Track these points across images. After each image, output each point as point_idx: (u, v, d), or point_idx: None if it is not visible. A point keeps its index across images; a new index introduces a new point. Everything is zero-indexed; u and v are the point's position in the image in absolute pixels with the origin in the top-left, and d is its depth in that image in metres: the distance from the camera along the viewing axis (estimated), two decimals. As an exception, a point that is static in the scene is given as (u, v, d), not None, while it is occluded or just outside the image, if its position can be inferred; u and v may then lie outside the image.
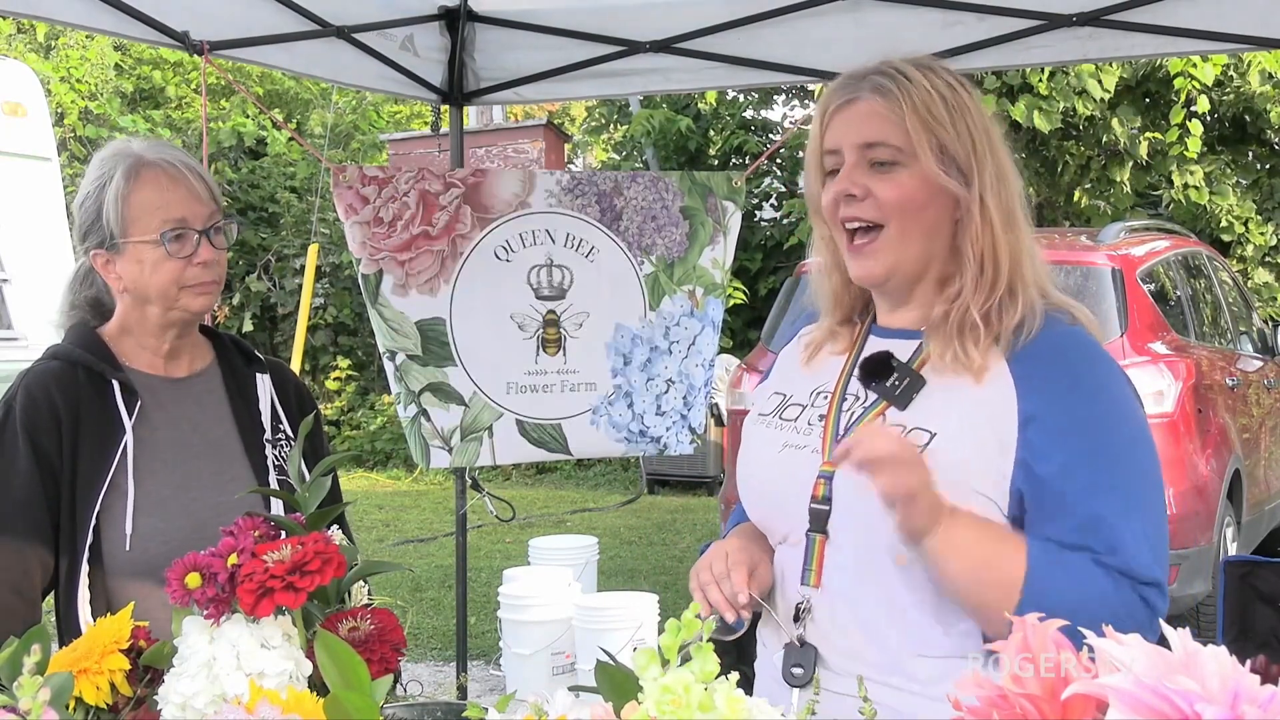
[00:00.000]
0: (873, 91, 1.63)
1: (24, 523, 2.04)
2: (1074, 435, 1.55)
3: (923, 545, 1.52)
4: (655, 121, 11.92)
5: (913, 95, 1.61)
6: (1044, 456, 1.54)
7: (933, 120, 1.61)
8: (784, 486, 1.68)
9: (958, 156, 1.62)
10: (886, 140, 1.62)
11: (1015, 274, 1.62)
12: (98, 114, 15.11)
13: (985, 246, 1.61)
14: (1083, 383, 1.58)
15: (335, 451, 9.25)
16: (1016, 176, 1.66)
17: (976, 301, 1.60)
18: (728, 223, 3.99)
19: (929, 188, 1.61)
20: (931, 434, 1.57)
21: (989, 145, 1.63)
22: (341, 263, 12.79)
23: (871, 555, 1.60)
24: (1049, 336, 1.60)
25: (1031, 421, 1.55)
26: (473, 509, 4.93)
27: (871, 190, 1.62)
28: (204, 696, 1.33)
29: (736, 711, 0.98)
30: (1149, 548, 1.55)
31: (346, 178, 3.69)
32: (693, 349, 3.98)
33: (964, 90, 1.65)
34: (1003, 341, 1.60)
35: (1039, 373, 1.57)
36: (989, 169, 1.62)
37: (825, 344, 1.78)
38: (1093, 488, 1.54)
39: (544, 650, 2.57)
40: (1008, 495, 1.55)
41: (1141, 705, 0.84)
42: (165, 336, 2.18)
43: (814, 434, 1.69)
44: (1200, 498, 5.85)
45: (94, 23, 3.34)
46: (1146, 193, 11.00)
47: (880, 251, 1.64)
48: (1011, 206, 1.63)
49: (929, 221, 1.63)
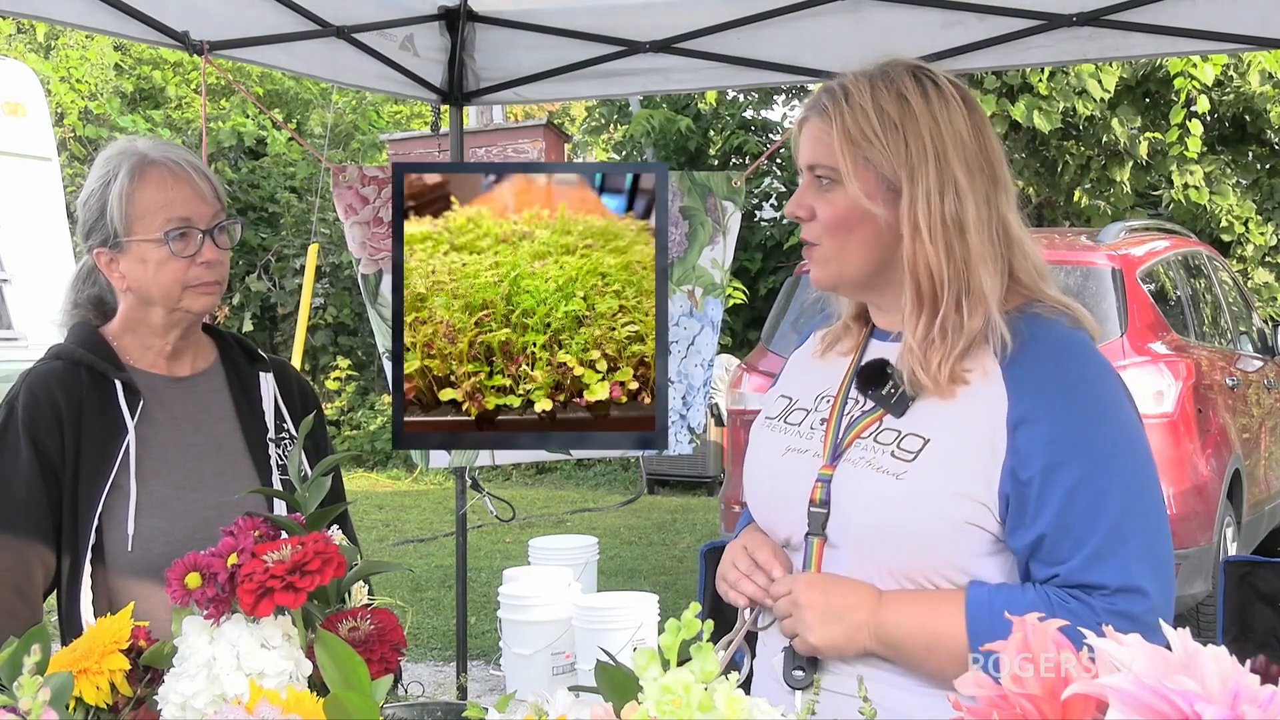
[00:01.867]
0: (816, 112, 1.66)
1: (26, 523, 2.04)
2: (1060, 440, 1.54)
3: (870, 647, 1.58)
4: (655, 121, 11.91)
5: (844, 115, 1.62)
6: (1028, 460, 1.54)
7: (860, 138, 1.61)
8: (785, 490, 1.69)
9: (886, 173, 1.61)
10: (822, 161, 1.64)
11: (960, 289, 1.59)
12: (98, 114, 15.11)
13: (919, 264, 1.60)
14: (1073, 387, 1.57)
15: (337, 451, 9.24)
16: (978, 184, 1.61)
17: (921, 320, 1.60)
18: (727, 223, 3.99)
19: (854, 209, 1.62)
20: (925, 440, 1.58)
21: (931, 155, 1.60)
22: (341, 263, 12.79)
23: (877, 555, 1.60)
24: (1043, 340, 1.59)
25: (1020, 425, 1.55)
26: (473, 509, 4.93)
27: (815, 210, 1.66)
28: (204, 696, 1.33)
29: (736, 711, 0.98)
30: (1129, 552, 1.52)
31: (346, 178, 3.69)
32: (692, 349, 3.98)
33: (920, 99, 1.62)
34: (980, 351, 1.59)
35: (1030, 377, 1.57)
36: (926, 181, 1.59)
37: (838, 341, 1.78)
38: (1071, 492, 1.52)
39: (544, 650, 2.57)
40: (997, 500, 1.55)
41: (1141, 705, 0.84)
42: (168, 336, 2.17)
43: (815, 438, 1.69)
44: (1200, 498, 5.85)
45: (94, 23, 3.34)
46: (1146, 193, 11.00)
47: (820, 263, 1.68)
48: (960, 217, 1.59)
49: (863, 239, 1.63)
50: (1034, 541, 1.54)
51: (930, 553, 1.57)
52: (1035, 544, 1.54)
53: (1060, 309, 1.64)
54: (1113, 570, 1.51)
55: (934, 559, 1.57)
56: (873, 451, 1.61)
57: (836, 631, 1.58)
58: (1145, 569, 1.53)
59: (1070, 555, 1.52)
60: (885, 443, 1.61)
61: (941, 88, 1.64)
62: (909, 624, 1.56)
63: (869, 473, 1.60)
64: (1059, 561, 1.53)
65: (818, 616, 1.59)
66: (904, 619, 1.57)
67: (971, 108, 1.65)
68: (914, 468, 1.57)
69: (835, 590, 1.60)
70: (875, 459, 1.60)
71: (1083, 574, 1.52)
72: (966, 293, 1.59)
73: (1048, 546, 1.53)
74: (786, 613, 1.62)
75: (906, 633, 1.56)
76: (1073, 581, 1.52)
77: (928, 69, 1.67)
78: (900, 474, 1.57)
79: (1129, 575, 1.51)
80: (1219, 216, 10.72)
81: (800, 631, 1.60)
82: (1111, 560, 1.51)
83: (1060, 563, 1.53)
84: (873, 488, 1.59)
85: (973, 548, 1.57)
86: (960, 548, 1.56)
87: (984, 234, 1.61)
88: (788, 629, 1.62)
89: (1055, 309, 1.64)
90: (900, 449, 1.59)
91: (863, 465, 1.61)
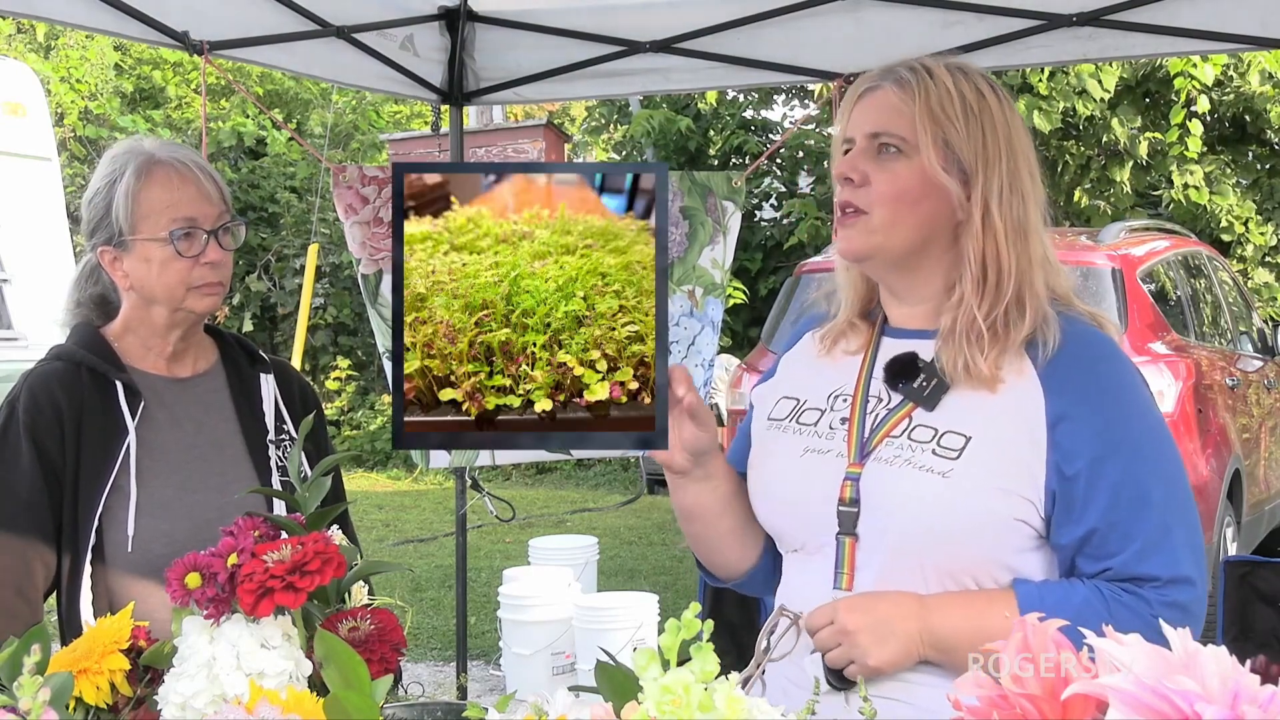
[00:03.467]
0: (893, 83, 1.65)
1: (27, 523, 2.04)
2: (1102, 435, 1.55)
3: (924, 654, 1.56)
4: (655, 121, 11.91)
5: (929, 90, 1.62)
6: (1072, 456, 1.55)
7: (943, 116, 1.61)
8: (807, 492, 1.67)
9: (963, 156, 1.62)
10: (892, 130, 1.63)
11: (1023, 286, 1.61)
12: (98, 114, 15.12)
13: (987, 253, 1.61)
14: (1106, 383, 1.59)
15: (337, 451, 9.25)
16: (1036, 191, 1.66)
17: (981, 309, 1.60)
18: (727, 223, 4.00)
19: (925, 182, 1.61)
20: (967, 438, 1.57)
21: (1005, 154, 1.63)
22: (341, 263, 12.79)
23: (901, 556, 1.59)
24: (1074, 339, 1.60)
25: (1060, 422, 1.56)
26: (473, 509, 4.93)
27: (870, 177, 1.63)
28: (204, 696, 1.33)
29: (736, 711, 0.98)
30: (1176, 543, 1.55)
31: (346, 178, 3.69)
32: (692, 349, 3.98)
33: (995, 98, 1.65)
34: (1017, 349, 1.60)
35: (1064, 374, 1.58)
36: (999, 176, 1.62)
37: (842, 339, 1.77)
38: (1117, 486, 1.54)
39: (544, 650, 2.58)
40: (1043, 496, 1.56)
41: (1141, 705, 0.84)
42: (170, 337, 2.17)
43: (837, 437, 1.67)
44: (1200, 498, 5.84)
45: (94, 23, 3.34)
46: (1146, 193, 11.00)
47: (864, 232, 1.64)
48: (1024, 219, 1.63)
49: (922, 215, 1.63)
50: (1083, 536, 1.55)
51: (975, 550, 1.57)
52: (1084, 539, 1.55)
53: (1085, 317, 1.66)
54: (1163, 562, 1.53)
55: (978, 556, 1.57)
56: (910, 450, 1.60)
57: (894, 649, 1.56)
58: (1189, 559, 1.55)
59: (1120, 549, 1.53)
60: (922, 440, 1.59)
61: (1004, 96, 1.67)
62: (963, 628, 1.54)
63: (909, 471, 1.58)
64: (1109, 555, 1.54)
65: (871, 639, 1.55)
66: (956, 623, 1.55)
67: (1021, 121, 1.70)
68: (960, 465, 1.56)
69: (878, 607, 1.57)
70: (915, 458, 1.59)
71: (1135, 567, 1.53)
72: (1029, 290, 1.61)
73: (1097, 541, 1.54)
74: (835, 643, 1.57)
75: (960, 637, 1.54)
76: (1125, 575, 1.54)
77: (990, 75, 1.70)
78: (946, 472, 1.56)
79: (1178, 566, 1.54)
80: (1219, 216, 10.72)
81: (856, 657, 1.56)
82: (1161, 552, 1.54)
83: (1110, 556, 1.54)
84: (915, 487, 1.57)
85: (1016, 544, 1.57)
86: (1005, 544, 1.57)
87: (1039, 240, 1.65)
88: (839, 658, 1.57)
89: (1076, 310, 1.66)
90: (942, 446, 1.58)
91: (900, 464, 1.60)
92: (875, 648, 1.55)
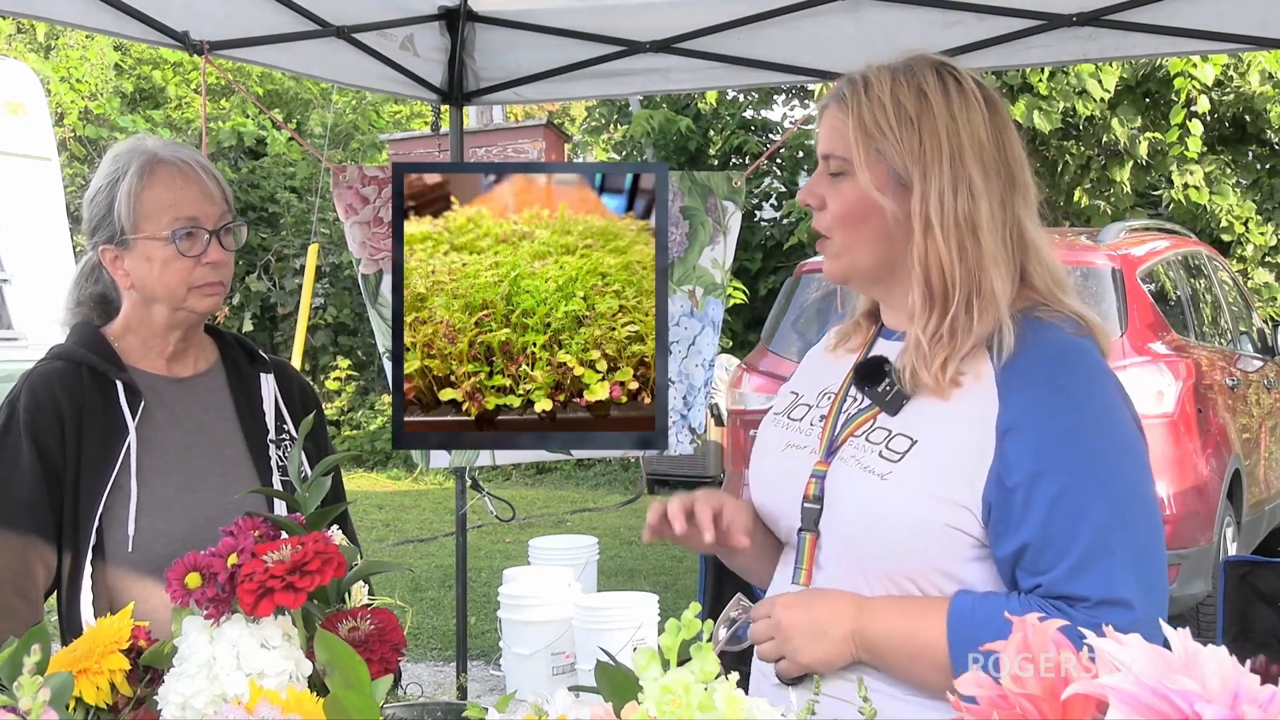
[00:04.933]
0: (835, 101, 1.65)
1: (27, 523, 2.04)
2: (1047, 448, 1.52)
3: (857, 656, 1.56)
4: (655, 121, 11.91)
5: (861, 105, 1.61)
6: (1014, 467, 1.52)
7: (875, 130, 1.59)
8: (783, 485, 1.69)
9: (898, 167, 1.59)
10: (836, 151, 1.63)
11: (972, 291, 1.57)
12: (98, 114, 15.12)
13: (930, 261, 1.58)
14: (1065, 394, 1.55)
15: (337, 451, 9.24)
16: (999, 185, 1.60)
17: (929, 323, 1.58)
18: (728, 223, 3.99)
19: (866, 201, 1.61)
20: (914, 441, 1.57)
21: (948, 154, 1.58)
22: (341, 263, 12.79)
23: (860, 555, 1.59)
24: (1039, 344, 1.57)
25: (1009, 432, 1.53)
26: (473, 509, 4.93)
27: (825, 199, 1.65)
28: (204, 696, 1.33)
29: (736, 711, 0.98)
30: (1113, 565, 1.49)
31: (346, 178, 3.69)
32: (693, 349, 3.98)
33: (941, 96, 1.60)
34: (976, 352, 1.58)
35: (1022, 383, 1.55)
36: (939, 179, 1.57)
37: (849, 338, 1.78)
38: (1055, 501, 1.50)
39: (544, 650, 2.58)
40: (980, 505, 1.53)
41: (1141, 705, 0.84)
42: (170, 337, 2.17)
43: (814, 434, 1.69)
44: (1200, 498, 5.85)
45: (94, 23, 3.34)
46: (1146, 193, 11.00)
47: (831, 256, 1.68)
48: (972, 218, 1.58)
49: (872, 233, 1.62)
50: (1018, 550, 1.52)
51: (912, 555, 1.56)
52: (1019, 552, 1.52)
53: (1070, 315, 1.61)
54: (1095, 582, 1.49)
55: (916, 562, 1.56)
56: (862, 450, 1.60)
57: (825, 648, 1.57)
58: (1130, 581, 1.50)
59: (1053, 565, 1.50)
60: (875, 442, 1.60)
61: (964, 86, 1.62)
62: (893, 633, 1.55)
63: (856, 471, 1.59)
64: (1042, 571, 1.51)
65: (804, 637, 1.57)
66: (887, 628, 1.55)
67: (994, 109, 1.63)
68: (898, 469, 1.56)
69: (815, 606, 1.58)
70: (863, 458, 1.60)
71: (1065, 585, 1.49)
72: (978, 294, 1.57)
73: (1030, 556, 1.51)
74: (768, 635, 1.59)
75: (890, 643, 1.55)
76: (1055, 592, 1.50)
77: (952, 66, 1.65)
78: (885, 474, 1.56)
79: (1113, 588, 1.49)
80: (1219, 216, 10.72)
81: (788, 654, 1.58)
82: (1094, 572, 1.49)
83: (1043, 573, 1.51)
84: (858, 487, 1.58)
85: (955, 552, 1.55)
86: (942, 551, 1.55)
87: (997, 235, 1.59)
88: (771, 652, 1.59)
89: (1059, 313, 1.61)
90: (888, 449, 1.58)
91: (852, 463, 1.61)
92: (807, 646, 1.57)
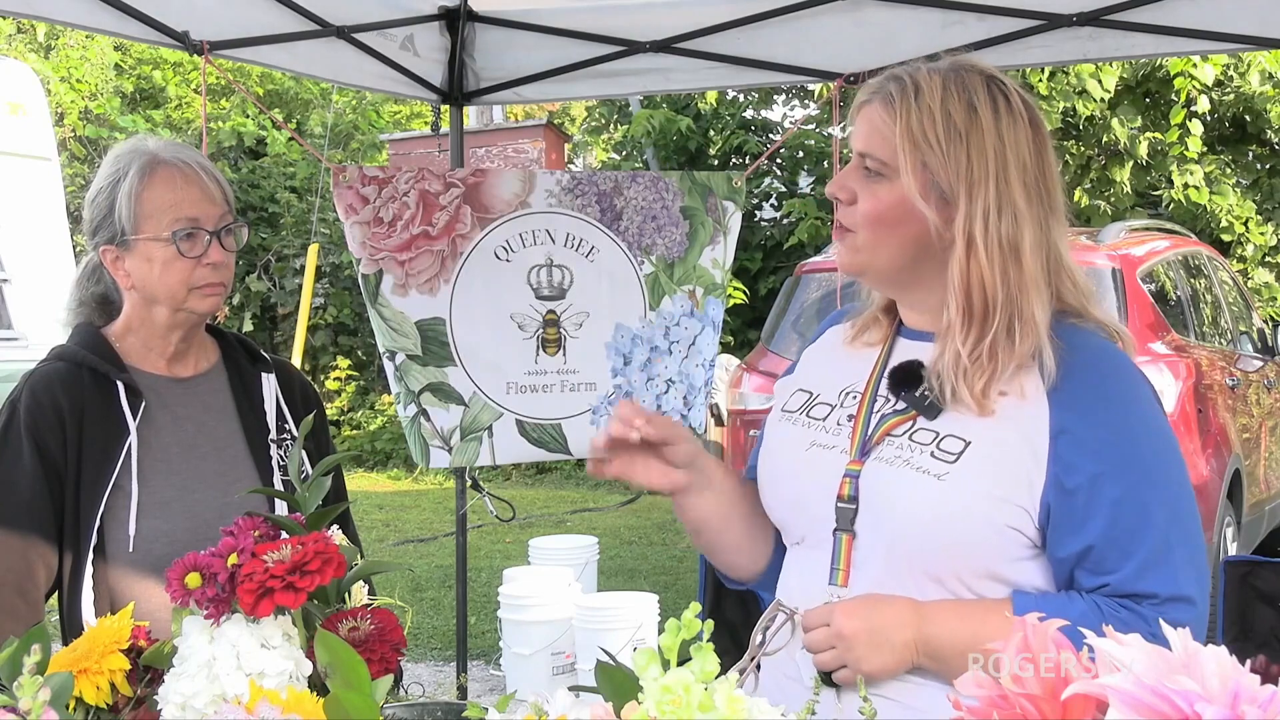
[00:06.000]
0: (882, 99, 1.62)
1: (29, 524, 2.05)
2: (1105, 450, 1.53)
3: (918, 662, 1.55)
4: (655, 121, 11.91)
5: (910, 112, 1.58)
6: (1073, 469, 1.53)
7: (924, 141, 1.57)
8: (809, 486, 1.67)
9: (942, 182, 1.58)
10: (875, 152, 1.61)
11: (1014, 314, 1.57)
12: (98, 114, 15.11)
13: (972, 280, 1.57)
14: (1113, 397, 1.56)
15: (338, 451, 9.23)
16: (1039, 208, 1.59)
17: (968, 342, 1.57)
18: (728, 223, 4.00)
19: (903, 207, 1.59)
20: (967, 442, 1.56)
21: (994, 174, 1.57)
22: (341, 263, 12.79)
23: (897, 554, 1.59)
24: (1081, 351, 1.58)
25: (1062, 434, 1.54)
26: (473, 509, 4.94)
27: (856, 196, 1.63)
28: (204, 696, 1.33)
29: (736, 711, 0.98)
30: (1176, 562, 1.53)
31: (346, 178, 3.69)
32: (693, 349, 3.98)
33: (990, 111, 1.58)
34: (1019, 368, 1.57)
35: (1070, 387, 1.55)
36: (984, 199, 1.56)
37: (866, 331, 1.76)
38: (1119, 502, 1.52)
39: (544, 650, 2.58)
40: (1039, 507, 1.54)
41: (1141, 705, 0.84)
42: (171, 337, 2.18)
43: (843, 434, 1.67)
44: (1200, 498, 5.83)
45: (94, 23, 3.34)
46: (1146, 193, 11.00)
47: (850, 250, 1.66)
48: (1015, 240, 1.56)
49: (904, 238, 1.61)
50: (1082, 551, 1.53)
51: (967, 555, 1.56)
52: (1083, 553, 1.53)
53: (1102, 326, 1.63)
54: (1162, 580, 1.52)
55: (969, 561, 1.56)
56: (909, 451, 1.59)
57: (888, 657, 1.55)
58: (1191, 577, 1.54)
59: (1119, 565, 1.52)
60: (923, 442, 1.59)
61: (1012, 104, 1.60)
62: (958, 637, 1.53)
63: (906, 472, 1.58)
64: (1108, 571, 1.53)
65: (867, 646, 1.55)
66: (952, 632, 1.54)
67: (1037, 128, 1.62)
68: (955, 469, 1.55)
69: (875, 613, 1.56)
70: (914, 459, 1.58)
71: (1134, 584, 1.52)
72: (1019, 318, 1.56)
73: (1095, 556, 1.53)
74: (828, 645, 1.57)
75: (954, 647, 1.53)
76: (1123, 591, 1.52)
77: (1002, 80, 1.63)
78: (942, 475, 1.55)
79: (1178, 584, 1.52)
80: (1219, 216, 10.72)
81: (850, 662, 1.55)
82: (1160, 570, 1.52)
83: (1110, 572, 1.53)
84: (910, 488, 1.57)
85: (1009, 552, 1.56)
86: (997, 552, 1.56)
87: (1039, 260, 1.59)
88: (831, 661, 1.56)
89: (1089, 322, 1.62)
90: (940, 450, 1.57)
91: (898, 464, 1.59)
92: (870, 655, 1.55)
